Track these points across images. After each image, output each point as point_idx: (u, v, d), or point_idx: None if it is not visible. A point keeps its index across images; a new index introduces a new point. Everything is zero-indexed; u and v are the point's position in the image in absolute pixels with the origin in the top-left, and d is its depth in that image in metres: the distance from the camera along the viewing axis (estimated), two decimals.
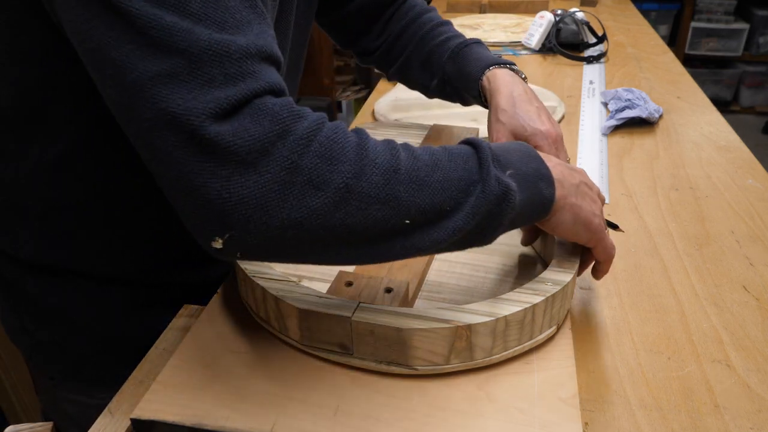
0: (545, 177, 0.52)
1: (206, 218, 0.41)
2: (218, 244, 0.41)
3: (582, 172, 0.58)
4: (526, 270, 0.66)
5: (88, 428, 0.51)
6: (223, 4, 0.41)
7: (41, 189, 0.60)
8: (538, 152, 0.54)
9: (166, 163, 0.41)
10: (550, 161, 0.54)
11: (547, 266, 0.59)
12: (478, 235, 0.49)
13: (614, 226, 0.65)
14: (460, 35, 0.86)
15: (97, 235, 0.63)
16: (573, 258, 0.59)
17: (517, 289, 0.55)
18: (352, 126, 1.14)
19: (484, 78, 0.77)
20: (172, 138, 0.40)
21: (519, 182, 0.50)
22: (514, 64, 0.79)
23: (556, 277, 0.56)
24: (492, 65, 0.78)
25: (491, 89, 0.76)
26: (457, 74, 0.81)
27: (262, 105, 0.41)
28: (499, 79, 0.76)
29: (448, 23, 0.88)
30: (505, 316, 0.52)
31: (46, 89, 0.55)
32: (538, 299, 0.53)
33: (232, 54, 0.40)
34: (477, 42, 0.83)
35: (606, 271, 0.61)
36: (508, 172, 0.49)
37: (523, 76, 0.79)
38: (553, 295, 0.54)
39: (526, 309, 0.53)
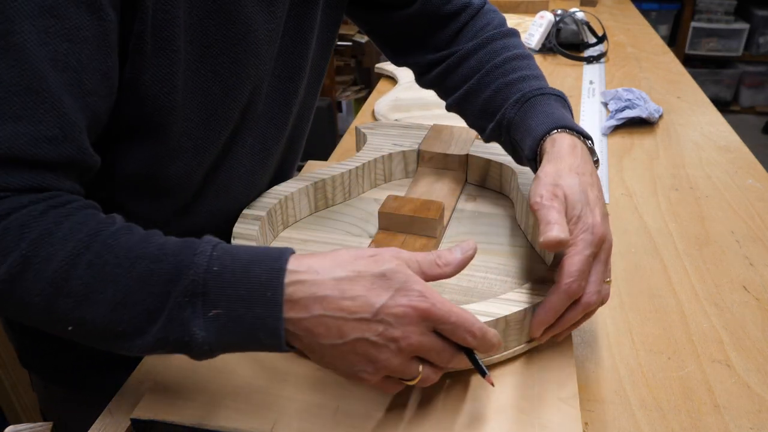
0: (270, 328, 0.42)
1: None
2: None
3: (390, 320, 0.43)
4: (526, 270, 0.66)
5: (88, 428, 0.51)
6: None
7: None
8: (288, 292, 0.42)
9: None
10: (303, 306, 0.42)
11: (548, 265, 0.59)
12: (181, 351, 0.44)
13: (481, 373, 0.47)
14: (540, 77, 0.69)
15: None
16: None
17: (517, 289, 0.55)
18: (353, 126, 1.14)
19: (548, 138, 0.60)
20: None
21: (226, 327, 0.42)
22: (592, 140, 0.62)
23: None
24: (562, 128, 0.60)
25: (551, 153, 0.58)
26: (520, 125, 0.64)
27: None
28: (562, 147, 0.58)
29: (528, 56, 0.72)
30: (505, 316, 0.52)
31: None
32: (538, 299, 0.53)
33: None
34: (556, 93, 0.66)
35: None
36: (212, 312, 0.42)
37: (596, 158, 0.61)
38: None
39: (526, 309, 0.53)
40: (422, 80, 0.79)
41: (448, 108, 0.77)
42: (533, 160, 0.62)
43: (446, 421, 0.49)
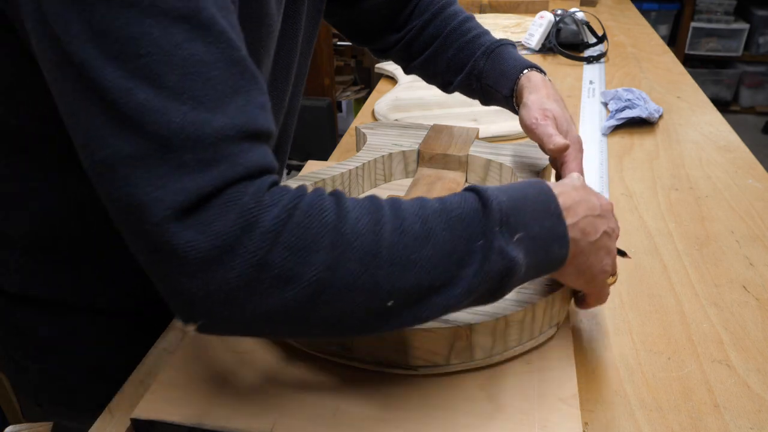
0: (560, 237, 0.47)
1: (175, 305, 0.40)
2: (191, 328, 0.40)
3: (606, 213, 0.52)
4: None
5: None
6: (205, 75, 0.38)
7: (25, 222, 0.59)
8: (560, 202, 0.48)
9: (135, 244, 0.39)
10: (573, 211, 0.49)
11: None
12: (476, 302, 0.46)
13: (623, 254, 0.61)
14: (489, 33, 0.84)
15: (88, 268, 0.62)
16: None
17: (517, 289, 0.55)
18: (353, 126, 1.14)
19: (523, 77, 0.75)
20: (139, 226, 0.38)
21: (528, 247, 0.45)
22: (541, 69, 0.78)
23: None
24: (529, 68, 0.76)
25: (529, 87, 0.74)
26: (490, 70, 0.79)
27: (233, 195, 0.38)
28: (537, 81, 0.74)
29: (472, 18, 0.87)
30: (506, 316, 0.52)
31: (30, 127, 0.53)
32: (538, 299, 0.53)
33: (206, 137, 0.38)
34: (511, 43, 0.81)
35: (590, 306, 0.58)
36: (516, 236, 0.44)
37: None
38: (553, 295, 0.54)
39: (526, 309, 0.53)
40: (381, 55, 0.91)
41: (408, 71, 0.90)
42: (510, 96, 0.77)
43: (446, 421, 0.49)
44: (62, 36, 0.37)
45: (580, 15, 1.60)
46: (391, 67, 1.40)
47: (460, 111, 1.16)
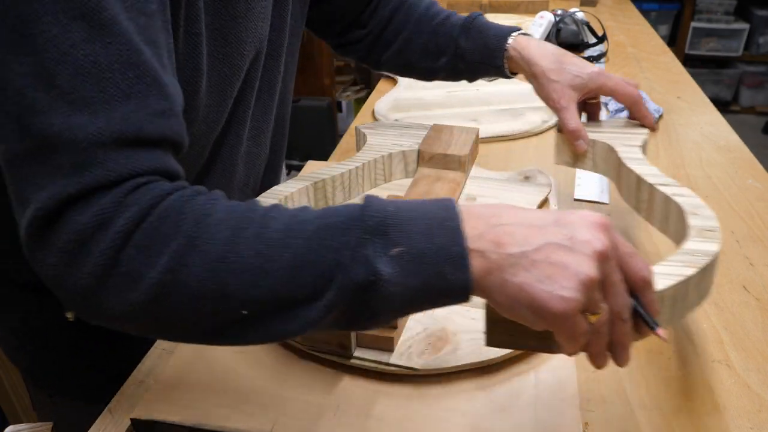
0: (454, 256, 0.39)
1: (56, 294, 0.42)
2: (69, 317, 0.42)
3: (567, 225, 0.40)
4: None
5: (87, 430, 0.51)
6: (98, 77, 0.39)
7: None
8: (463, 216, 0.40)
9: (22, 234, 0.41)
10: (481, 221, 0.40)
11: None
12: (344, 323, 0.41)
13: (650, 324, 0.43)
14: (455, 12, 0.85)
15: None
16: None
17: None
18: (353, 126, 1.14)
19: (509, 48, 0.76)
20: (25, 218, 0.40)
21: (408, 265, 0.39)
22: (522, 30, 0.79)
23: None
24: (509, 34, 0.77)
25: (524, 57, 0.75)
26: (474, 48, 0.79)
27: (97, 198, 0.39)
28: (527, 45, 0.75)
29: (435, 2, 0.87)
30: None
31: None
32: None
33: (79, 142, 0.38)
34: (481, 15, 0.82)
35: (568, 353, 0.41)
36: (394, 250, 0.39)
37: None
38: None
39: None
40: (347, 50, 0.90)
41: (380, 67, 0.89)
42: (501, 67, 0.78)
43: (446, 421, 0.49)
44: None
45: (580, 15, 1.60)
46: None
47: (460, 111, 1.16)
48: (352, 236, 0.39)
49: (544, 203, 0.80)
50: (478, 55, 0.79)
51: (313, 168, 0.83)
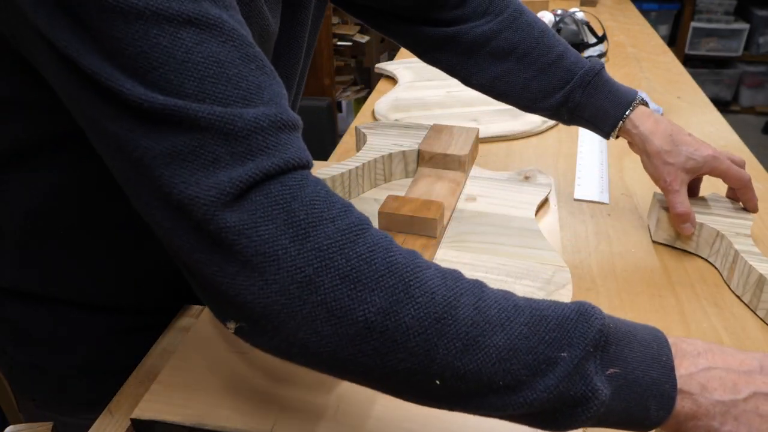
0: (663, 395, 0.38)
1: (216, 304, 0.38)
2: (230, 327, 0.38)
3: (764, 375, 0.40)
4: (526, 270, 0.66)
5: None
6: (224, 77, 0.37)
7: (21, 217, 0.58)
8: (673, 351, 0.40)
9: (176, 245, 0.37)
10: (691, 361, 0.40)
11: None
12: (534, 422, 0.39)
13: None
14: (568, 46, 0.77)
15: (84, 264, 0.61)
16: None
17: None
18: (353, 126, 1.14)
19: (626, 120, 0.73)
20: (179, 223, 0.36)
21: (620, 390, 0.37)
22: (643, 99, 0.75)
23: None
24: (630, 103, 0.73)
25: (640, 133, 0.73)
26: (589, 107, 0.74)
27: (276, 191, 0.36)
28: (644, 121, 0.73)
29: (547, 28, 0.78)
30: None
31: (30, 136, 0.52)
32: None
33: (238, 130, 0.36)
34: (603, 67, 0.75)
35: None
36: (611, 370, 0.37)
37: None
38: None
39: None
40: (430, 56, 0.79)
41: (472, 84, 0.78)
42: (610, 132, 0.74)
43: (446, 421, 0.49)
44: (78, 61, 0.37)
45: (580, 15, 1.60)
46: (390, 67, 1.40)
47: (460, 111, 1.16)
48: (575, 339, 0.37)
49: (544, 203, 0.80)
50: (591, 116, 0.74)
51: (313, 168, 0.83)
